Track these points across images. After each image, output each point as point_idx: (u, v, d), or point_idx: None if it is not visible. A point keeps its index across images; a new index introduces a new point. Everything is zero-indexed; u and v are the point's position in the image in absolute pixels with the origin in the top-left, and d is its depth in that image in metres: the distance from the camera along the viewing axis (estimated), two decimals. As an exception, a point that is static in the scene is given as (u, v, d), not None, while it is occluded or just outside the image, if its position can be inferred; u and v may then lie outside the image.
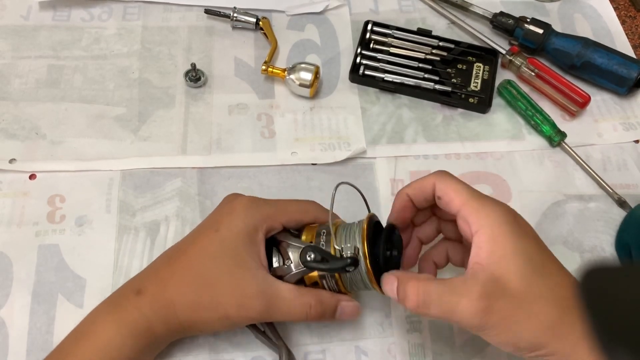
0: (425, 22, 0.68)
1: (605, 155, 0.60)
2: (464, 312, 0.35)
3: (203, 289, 0.42)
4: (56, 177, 0.54)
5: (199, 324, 0.42)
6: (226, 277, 0.41)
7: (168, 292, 0.42)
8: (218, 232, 0.43)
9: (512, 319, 0.35)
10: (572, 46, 0.63)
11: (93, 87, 0.60)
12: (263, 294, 0.41)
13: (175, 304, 0.41)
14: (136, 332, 0.40)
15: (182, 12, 0.66)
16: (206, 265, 0.42)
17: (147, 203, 0.54)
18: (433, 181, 0.41)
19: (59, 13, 0.65)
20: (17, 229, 0.51)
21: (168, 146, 0.57)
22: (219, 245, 0.42)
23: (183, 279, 0.42)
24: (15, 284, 0.49)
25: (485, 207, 0.38)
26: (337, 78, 0.63)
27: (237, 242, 0.42)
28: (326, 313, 0.43)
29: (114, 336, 0.40)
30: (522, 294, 0.35)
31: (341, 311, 0.44)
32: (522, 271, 0.36)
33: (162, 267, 0.44)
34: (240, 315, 0.41)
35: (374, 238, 0.42)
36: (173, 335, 0.43)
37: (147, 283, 0.43)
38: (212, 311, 0.41)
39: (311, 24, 0.67)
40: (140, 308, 0.41)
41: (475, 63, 0.65)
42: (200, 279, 0.42)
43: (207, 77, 0.62)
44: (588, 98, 0.61)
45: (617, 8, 0.72)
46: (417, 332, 0.49)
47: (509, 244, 0.36)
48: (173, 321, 0.41)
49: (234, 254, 0.42)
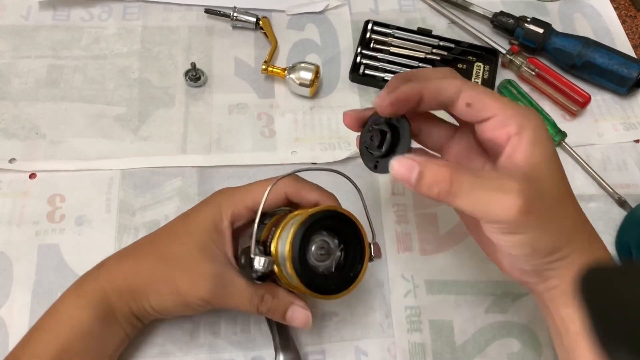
0: (426, 21, 0.68)
1: (605, 155, 0.60)
2: (499, 208, 0.33)
3: (160, 262, 0.42)
4: (56, 177, 0.54)
5: (152, 297, 0.42)
6: (185, 256, 0.42)
7: (125, 264, 0.43)
8: (188, 217, 0.44)
9: (545, 221, 0.34)
10: (572, 46, 0.63)
11: (93, 86, 0.60)
12: (217, 277, 0.41)
13: (130, 275, 0.42)
14: (93, 302, 0.41)
15: (182, 11, 0.66)
16: (167, 243, 0.44)
17: (147, 202, 0.54)
18: (459, 87, 0.37)
19: (58, 13, 0.65)
20: (17, 229, 0.51)
21: (168, 146, 0.57)
22: (185, 229, 0.44)
23: (142, 252, 0.44)
24: (15, 283, 0.49)
25: (525, 112, 0.37)
26: (337, 78, 0.63)
27: (202, 228, 0.43)
28: (277, 310, 0.42)
29: (74, 308, 0.42)
30: (555, 198, 0.36)
31: (292, 314, 0.43)
32: (557, 175, 0.36)
33: (129, 246, 0.45)
34: (191, 293, 0.41)
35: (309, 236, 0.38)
36: (128, 309, 0.42)
37: (110, 258, 0.44)
38: (165, 284, 0.41)
39: (311, 24, 0.67)
40: (97, 278, 0.43)
41: (475, 63, 0.65)
42: (159, 253, 0.43)
43: (207, 76, 0.62)
44: (588, 98, 0.60)
45: (617, 8, 0.72)
46: (417, 331, 0.49)
47: (548, 149, 0.36)
48: (126, 291, 0.42)
49: (198, 239, 0.42)
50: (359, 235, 0.39)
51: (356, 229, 0.39)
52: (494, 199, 0.33)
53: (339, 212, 0.39)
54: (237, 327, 0.48)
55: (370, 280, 0.51)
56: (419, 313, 0.50)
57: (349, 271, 0.39)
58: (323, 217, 0.38)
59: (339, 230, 0.39)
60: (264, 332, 0.48)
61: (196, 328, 0.48)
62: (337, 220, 0.39)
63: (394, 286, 0.51)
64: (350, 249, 0.39)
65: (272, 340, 0.46)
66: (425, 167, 0.34)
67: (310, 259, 0.38)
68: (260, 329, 0.48)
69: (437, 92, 0.37)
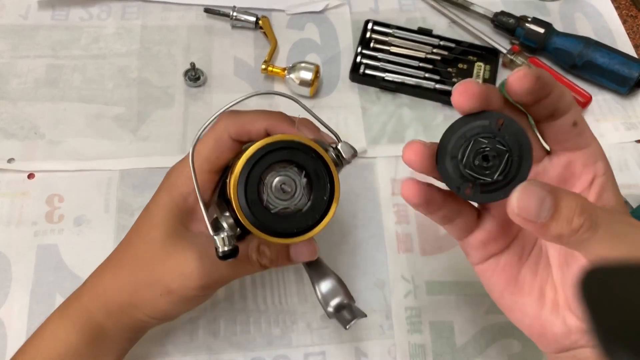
0: (426, 21, 0.68)
1: (606, 155, 0.60)
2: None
3: (138, 269, 0.39)
4: (55, 177, 0.54)
5: (144, 306, 0.39)
6: (158, 252, 0.39)
7: (104, 279, 0.40)
8: (147, 210, 0.41)
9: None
10: (573, 46, 0.62)
11: (92, 86, 0.60)
12: (202, 256, 0.37)
13: (111, 290, 0.39)
14: (78, 324, 0.39)
15: (182, 11, 0.66)
16: (137, 244, 0.40)
17: (145, 202, 0.53)
18: (572, 100, 0.32)
19: (57, 12, 0.65)
20: (16, 229, 0.51)
21: (167, 146, 0.57)
22: (148, 223, 0.40)
23: (118, 263, 0.41)
24: (13, 283, 0.49)
25: (602, 151, 0.35)
26: (337, 77, 0.63)
27: (164, 214, 0.39)
28: (279, 255, 0.39)
29: (58, 330, 0.39)
30: None
31: (295, 251, 0.39)
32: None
33: (108, 257, 0.42)
34: (184, 286, 0.38)
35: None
36: (122, 325, 0.40)
37: (93, 273, 0.42)
38: (152, 289, 0.38)
39: (311, 23, 0.67)
40: (79, 297, 0.40)
41: (476, 62, 0.64)
42: (134, 260, 0.40)
43: (206, 76, 0.61)
44: (589, 98, 0.60)
45: (618, 7, 0.71)
46: (418, 333, 0.49)
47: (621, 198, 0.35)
48: (113, 308, 0.39)
49: (165, 227, 0.39)
50: (324, 166, 0.33)
51: (319, 159, 0.33)
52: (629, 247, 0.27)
53: (292, 140, 0.33)
54: (237, 327, 0.48)
55: (370, 280, 0.51)
56: (420, 314, 0.50)
57: (315, 209, 0.34)
58: (272, 149, 0.32)
59: (299, 162, 0.33)
60: (263, 332, 0.48)
61: (195, 329, 0.48)
62: (292, 150, 0.33)
63: (394, 287, 0.51)
64: (314, 183, 0.34)
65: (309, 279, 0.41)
66: (559, 196, 0.27)
67: (269, 199, 0.33)
68: (260, 329, 0.48)
69: (561, 95, 0.31)
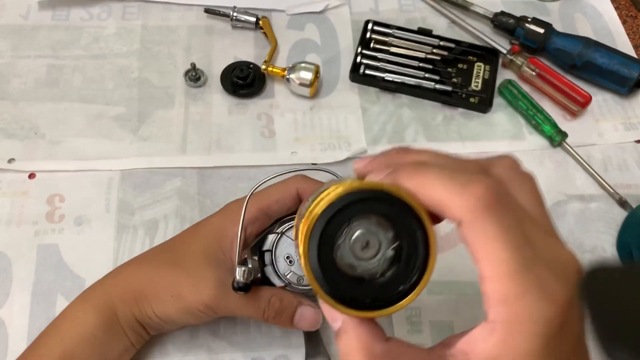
0: (426, 21, 0.68)
1: (606, 155, 0.60)
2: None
3: (163, 266, 0.42)
4: (55, 177, 0.54)
5: (154, 301, 0.41)
6: (189, 260, 0.42)
7: (130, 269, 0.44)
8: (197, 225, 0.45)
9: None
10: (573, 46, 0.62)
11: (92, 86, 0.60)
12: (220, 281, 0.40)
13: (133, 279, 0.42)
14: (97, 307, 0.41)
15: (182, 11, 0.66)
16: (174, 249, 0.44)
17: (146, 202, 0.53)
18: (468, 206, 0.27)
19: (58, 12, 0.65)
20: (17, 229, 0.51)
21: (168, 146, 0.57)
22: (193, 236, 0.44)
23: (149, 258, 0.44)
24: (14, 283, 0.49)
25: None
26: (337, 77, 0.63)
27: (210, 234, 0.43)
28: (284, 313, 0.42)
29: (79, 312, 0.42)
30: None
31: (300, 316, 0.42)
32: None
33: (141, 253, 0.46)
34: (193, 298, 0.40)
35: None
36: (131, 316, 0.42)
37: (121, 265, 0.45)
38: (168, 288, 0.41)
39: (311, 24, 0.67)
40: (103, 283, 0.43)
41: (476, 62, 0.64)
42: (164, 258, 0.43)
43: (207, 76, 0.61)
44: (589, 98, 0.60)
45: (617, 8, 0.71)
46: (418, 333, 0.49)
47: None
48: (127, 296, 0.41)
49: (204, 245, 0.42)
50: (419, 226, 0.27)
51: (414, 217, 0.27)
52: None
53: (389, 190, 0.27)
54: (237, 327, 0.48)
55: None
56: (419, 314, 0.50)
57: (400, 278, 0.27)
58: (363, 197, 0.27)
59: (389, 217, 0.27)
60: (263, 332, 0.48)
61: (195, 328, 0.48)
62: (383, 202, 0.27)
63: (394, 287, 0.51)
64: (404, 246, 0.27)
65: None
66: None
67: (344, 256, 0.28)
68: (260, 330, 0.48)
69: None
